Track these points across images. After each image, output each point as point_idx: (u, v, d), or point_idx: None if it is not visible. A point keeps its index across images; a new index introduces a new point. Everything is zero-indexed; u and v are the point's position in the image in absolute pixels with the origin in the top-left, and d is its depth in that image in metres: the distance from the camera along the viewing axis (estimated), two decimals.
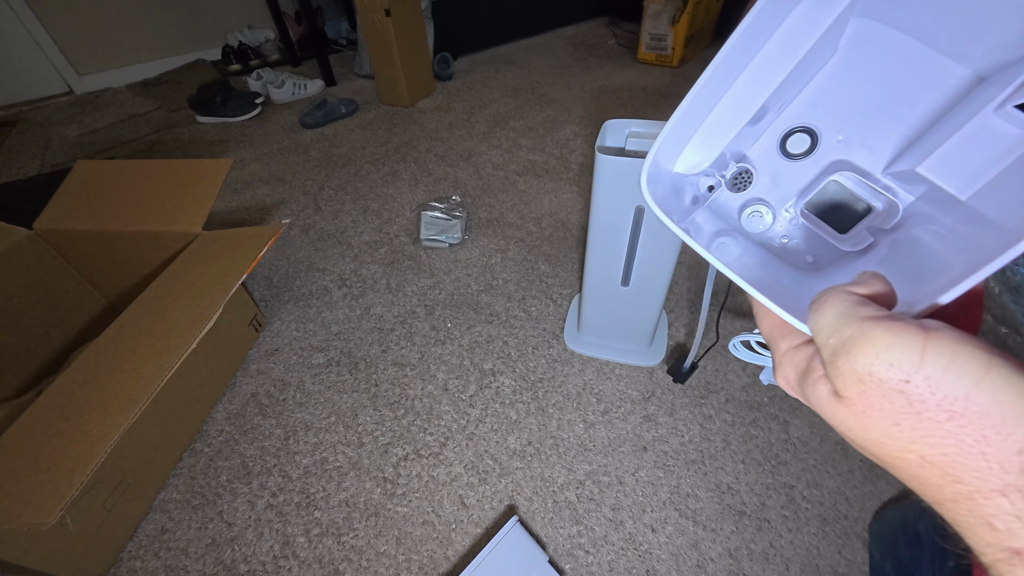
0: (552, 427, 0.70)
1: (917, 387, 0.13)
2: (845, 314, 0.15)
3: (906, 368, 0.13)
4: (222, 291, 0.64)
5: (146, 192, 0.79)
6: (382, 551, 0.59)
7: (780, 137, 0.24)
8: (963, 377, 0.12)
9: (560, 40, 2.29)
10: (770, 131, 0.24)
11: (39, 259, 0.77)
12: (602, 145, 0.58)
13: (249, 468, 0.67)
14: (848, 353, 0.14)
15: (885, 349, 0.13)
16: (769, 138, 0.25)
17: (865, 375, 0.14)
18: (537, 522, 0.60)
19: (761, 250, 0.26)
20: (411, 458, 0.68)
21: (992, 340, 0.74)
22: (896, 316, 0.14)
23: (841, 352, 0.14)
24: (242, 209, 1.21)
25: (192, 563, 0.58)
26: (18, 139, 1.65)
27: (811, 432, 0.68)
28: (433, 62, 1.81)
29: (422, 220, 1.06)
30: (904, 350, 0.13)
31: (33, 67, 1.87)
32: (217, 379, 0.76)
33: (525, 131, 1.49)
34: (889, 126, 0.23)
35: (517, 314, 0.88)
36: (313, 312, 0.91)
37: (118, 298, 0.88)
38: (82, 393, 0.53)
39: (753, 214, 0.25)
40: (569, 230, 1.08)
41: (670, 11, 1.79)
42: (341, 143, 1.48)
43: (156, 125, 1.67)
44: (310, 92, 1.80)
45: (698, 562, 0.56)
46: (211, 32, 2.21)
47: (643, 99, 1.67)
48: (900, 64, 0.22)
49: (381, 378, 0.78)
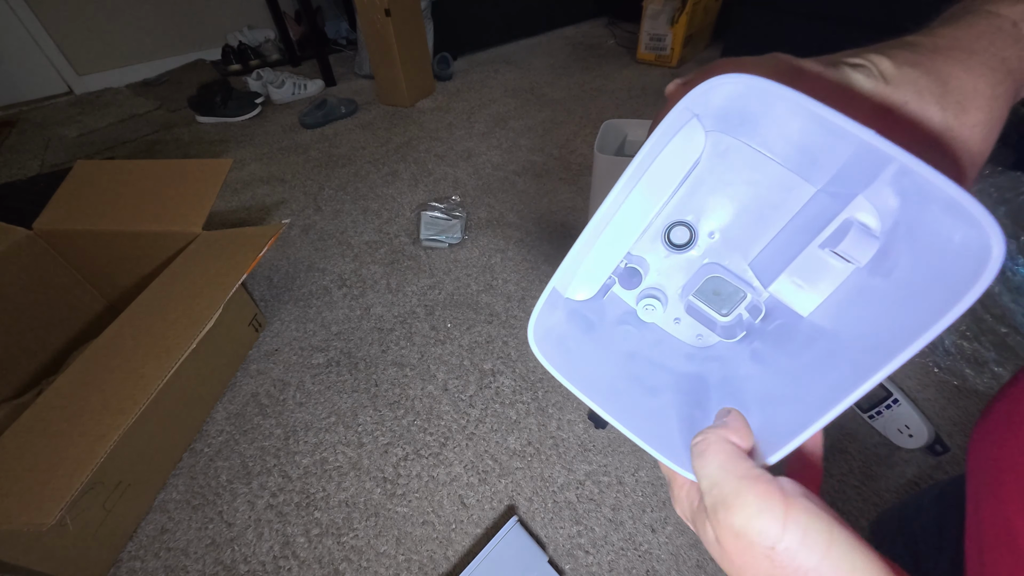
0: (552, 427, 0.70)
1: (779, 555, 0.15)
2: (724, 467, 0.17)
3: (771, 538, 0.15)
4: (222, 291, 0.64)
5: (146, 192, 0.79)
6: (382, 551, 0.59)
7: (664, 231, 0.27)
8: (813, 550, 0.15)
9: (560, 40, 2.29)
10: (654, 226, 0.28)
11: (39, 259, 0.77)
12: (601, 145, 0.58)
13: (249, 468, 0.67)
14: (728, 510, 0.17)
15: (756, 515, 0.16)
16: (655, 233, 0.28)
17: (740, 534, 0.16)
18: (537, 522, 0.61)
19: (657, 331, 0.30)
20: (411, 458, 0.68)
21: (992, 340, 0.74)
22: (763, 478, 0.17)
23: (721, 508, 0.17)
24: (242, 209, 1.21)
25: (192, 563, 0.58)
26: (18, 139, 1.65)
27: None
28: (433, 62, 1.81)
29: (422, 220, 1.06)
30: (769, 520, 0.16)
31: (33, 67, 1.87)
32: (217, 379, 0.76)
33: (525, 131, 1.49)
34: (755, 230, 0.25)
35: (517, 314, 0.88)
36: (313, 312, 0.91)
37: (118, 298, 0.88)
38: (82, 393, 0.53)
39: (647, 306, 0.28)
40: (569, 230, 1.08)
41: (669, 11, 1.79)
42: (341, 143, 1.48)
43: (156, 125, 1.67)
44: (310, 92, 1.80)
45: (698, 562, 0.56)
46: (211, 32, 2.21)
47: (642, 99, 1.67)
48: (759, 176, 0.24)
49: (381, 378, 0.78)
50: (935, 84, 0.18)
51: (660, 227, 0.27)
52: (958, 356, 0.73)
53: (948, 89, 0.18)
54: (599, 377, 0.26)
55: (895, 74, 0.18)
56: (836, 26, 1.32)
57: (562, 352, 0.25)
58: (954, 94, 0.18)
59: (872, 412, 0.67)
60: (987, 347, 0.74)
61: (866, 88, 0.18)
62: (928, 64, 0.18)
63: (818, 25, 1.36)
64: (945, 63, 0.18)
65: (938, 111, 0.18)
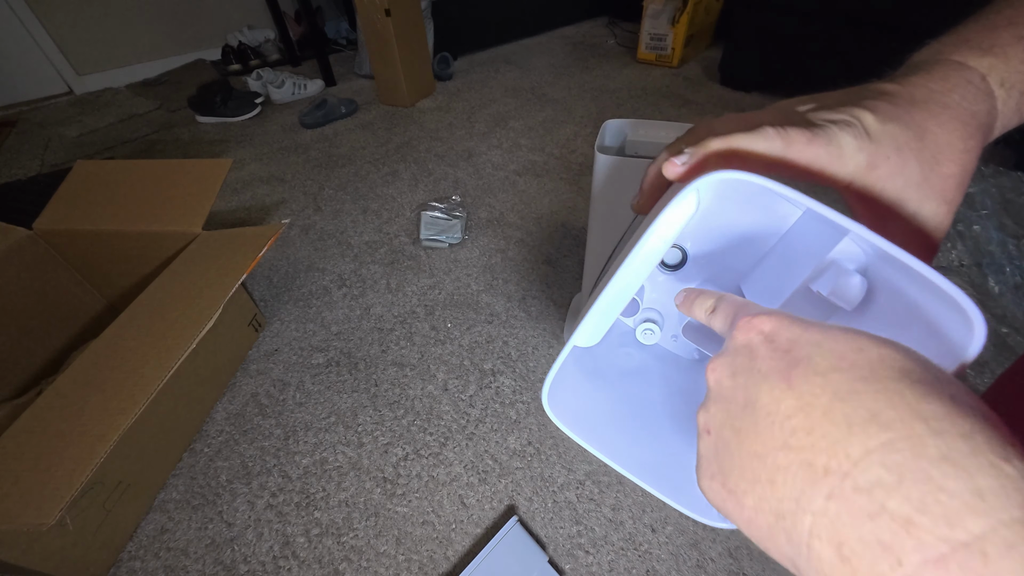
0: (552, 427, 0.70)
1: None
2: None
3: None
4: (222, 291, 0.64)
5: (146, 192, 0.79)
6: (382, 551, 0.59)
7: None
8: None
9: (560, 40, 2.29)
10: None
11: (39, 259, 0.77)
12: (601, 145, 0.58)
13: (249, 468, 0.67)
14: None
15: None
16: None
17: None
18: (537, 522, 0.60)
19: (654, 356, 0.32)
20: (411, 458, 0.68)
21: (992, 340, 0.74)
22: None
23: None
24: (242, 209, 1.21)
25: (192, 563, 0.58)
26: (18, 139, 1.65)
27: None
28: (433, 62, 1.81)
29: (422, 220, 1.06)
30: None
31: (33, 67, 1.87)
32: (217, 379, 0.76)
33: (525, 131, 1.49)
34: (746, 257, 0.28)
35: (517, 314, 0.88)
36: (313, 312, 0.91)
37: (118, 298, 0.88)
38: (82, 393, 0.53)
39: (646, 331, 0.30)
40: (569, 230, 1.08)
41: (670, 11, 1.79)
42: (341, 143, 1.48)
43: (156, 125, 1.67)
44: (310, 92, 1.80)
45: (698, 562, 0.56)
46: (211, 32, 2.21)
47: (643, 99, 1.67)
48: (749, 213, 0.26)
49: (381, 378, 0.78)
50: (913, 139, 0.19)
51: None
52: None
53: (925, 144, 0.19)
54: (607, 413, 0.28)
55: (879, 130, 0.19)
56: (837, 26, 1.32)
57: (572, 399, 0.27)
58: (930, 148, 0.19)
59: None
60: (987, 347, 0.73)
61: (852, 147, 0.19)
62: (907, 118, 0.20)
63: (818, 25, 1.36)
64: (922, 117, 0.20)
65: (916, 164, 0.19)
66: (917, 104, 0.20)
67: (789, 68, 1.49)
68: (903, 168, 0.19)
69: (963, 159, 0.20)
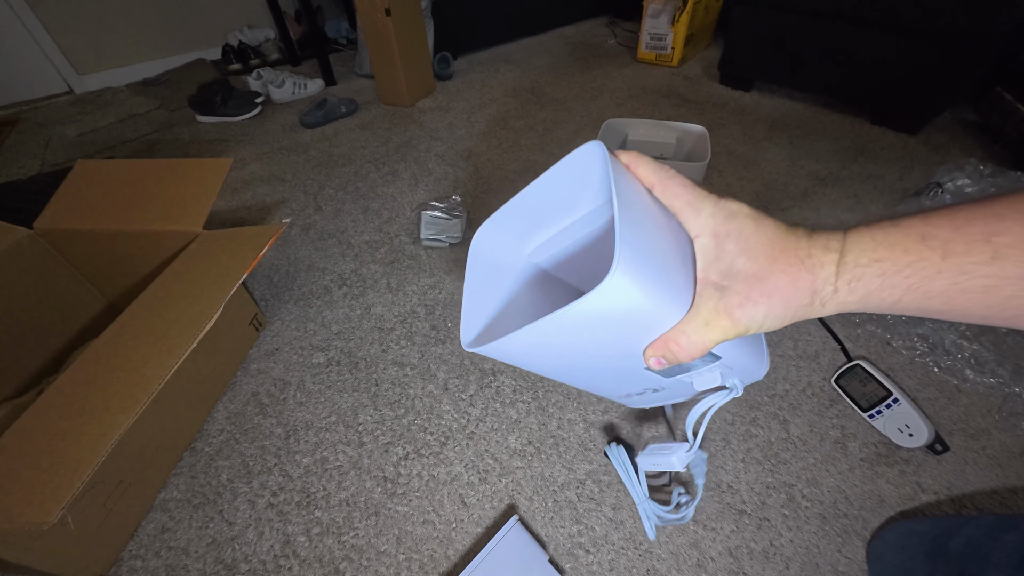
0: (552, 426, 0.70)
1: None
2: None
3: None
4: (222, 291, 0.64)
5: (146, 192, 0.79)
6: (382, 550, 0.59)
7: None
8: None
9: (560, 40, 2.29)
10: None
11: (39, 259, 0.77)
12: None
13: (250, 467, 0.67)
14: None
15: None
16: None
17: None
18: (537, 521, 0.61)
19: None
20: (411, 457, 0.68)
21: (992, 340, 0.74)
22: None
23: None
24: (242, 209, 1.21)
25: (193, 562, 0.58)
26: (18, 139, 1.65)
27: (811, 431, 0.68)
28: (433, 62, 1.81)
29: (422, 219, 1.06)
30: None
31: (33, 67, 1.87)
32: (218, 378, 0.76)
33: (525, 130, 1.49)
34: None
35: None
36: (313, 312, 0.91)
37: (118, 298, 0.88)
38: (82, 393, 0.53)
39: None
40: None
41: (670, 11, 1.79)
42: (341, 143, 1.48)
43: (156, 125, 1.67)
44: (310, 92, 1.80)
45: (698, 561, 0.57)
46: (211, 32, 2.21)
47: (643, 98, 1.67)
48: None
49: (381, 377, 0.78)
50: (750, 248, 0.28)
51: None
52: (958, 356, 0.73)
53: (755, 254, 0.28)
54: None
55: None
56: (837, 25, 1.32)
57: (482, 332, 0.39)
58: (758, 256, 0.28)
59: (872, 412, 0.67)
60: (987, 347, 0.74)
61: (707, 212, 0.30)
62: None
63: (818, 24, 1.36)
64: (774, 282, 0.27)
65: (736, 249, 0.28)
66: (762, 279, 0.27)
67: (789, 68, 1.49)
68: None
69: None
